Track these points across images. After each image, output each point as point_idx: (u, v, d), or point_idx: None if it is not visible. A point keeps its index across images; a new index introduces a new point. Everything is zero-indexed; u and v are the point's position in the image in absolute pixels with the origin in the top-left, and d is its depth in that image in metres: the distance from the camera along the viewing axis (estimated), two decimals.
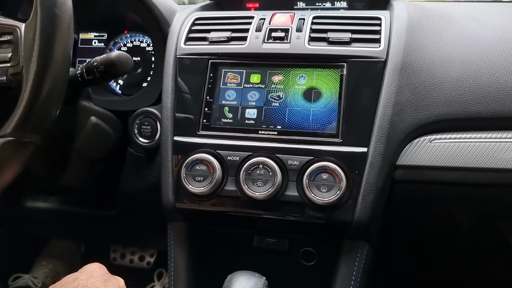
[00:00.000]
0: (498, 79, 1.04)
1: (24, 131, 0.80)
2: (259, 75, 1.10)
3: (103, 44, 1.39)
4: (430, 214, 1.17)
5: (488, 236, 1.23)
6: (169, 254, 1.16)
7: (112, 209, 1.43)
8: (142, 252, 1.99)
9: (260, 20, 1.17)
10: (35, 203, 1.50)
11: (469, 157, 1.02)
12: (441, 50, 1.10)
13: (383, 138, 1.01)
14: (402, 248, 1.34)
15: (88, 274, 0.71)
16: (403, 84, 1.04)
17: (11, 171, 0.83)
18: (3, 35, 0.86)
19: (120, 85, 1.37)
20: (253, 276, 0.89)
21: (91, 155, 1.17)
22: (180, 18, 1.24)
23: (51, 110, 0.84)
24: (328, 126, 1.03)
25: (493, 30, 1.14)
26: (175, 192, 1.09)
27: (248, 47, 1.12)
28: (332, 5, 1.46)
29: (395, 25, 1.11)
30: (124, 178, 1.29)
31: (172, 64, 1.15)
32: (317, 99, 1.05)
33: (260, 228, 1.15)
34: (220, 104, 1.10)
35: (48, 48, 0.81)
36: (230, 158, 1.05)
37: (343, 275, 1.07)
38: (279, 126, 1.05)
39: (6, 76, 0.83)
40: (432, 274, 1.45)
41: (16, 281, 1.87)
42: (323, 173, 0.99)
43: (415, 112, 1.04)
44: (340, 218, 1.01)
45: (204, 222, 1.17)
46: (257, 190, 1.00)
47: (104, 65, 0.95)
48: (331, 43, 1.09)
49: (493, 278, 1.43)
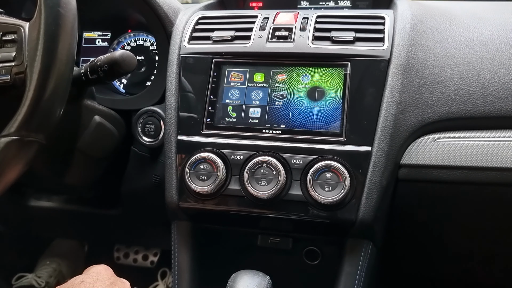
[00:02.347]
0: (502, 78, 1.04)
1: (28, 130, 0.80)
2: (263, 74, 1.10)
3: (107, 43, 1.40)
4: (434, 213, 1.17)
5: (492, 235, 1.23)
6: (173, 253, 1.16)
7: (115, 208, 1.43)
8: (146, 251, 1.99)
9: (263, 19, 1.17)
10: (39, 202, 1.50)
11: (473, 156, 1.02)
12: (445, 49, 1.09)
13: (387, 137, 1.01)
14: (406, 247, 1.34)
15: (95, 277, 0.70)
16: (406, 83, 1.04)
17: (15, 170, 0.83)
18: (7, 34, 0.86)
19: (123, 84, 1.38)
20: (257, 275, 0.89)
21: (95, 154, 1.17)
22: (183, 17, 1.24)
23: (55, 109, 0.84)
24: (332, 125, 1.03)
25: (497, 29, 1.14)
26: (179, 191, 1.09)
27: (251, 46, 1.12)
28: (336, 4, 1.46)
29: (398, 24, 1.11)
30: (128, 177, 1.29)
31: (176, 63, 1.16)
32: (321, 98, 1.05)
33: (263, 227, 1.15)
34: (223, 103, 1.10)
35: (52, 47, 0.81)
36: (234, 157, 1.05)
37: (347, 274, 1.07)
38: (283, 125, 1.05)
39: (10, 75, 0.83)
40: (436, 273, 1.44)
41: (20, 281, 1.87)
42: (327, 172, 0.99)
43: (419, 111, 1.04)
44: (344, 217, 1.01)
45: (208, 221, 1.17)
46: (261, 189, 1.00)
47: (108, 64, 0.96)
48: (334, 42, 1.09)
49: (496, 277, 1.43)
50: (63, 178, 1.16)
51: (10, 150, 0.79)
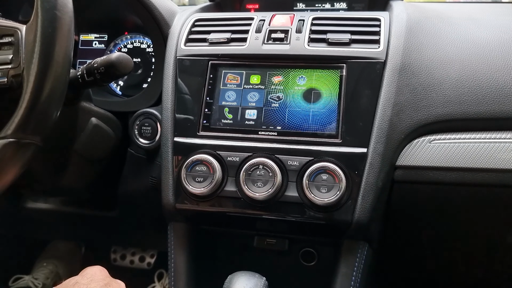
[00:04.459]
0: (497, 79, 1.04)
1: (25, 133, 0.80)
2: (259, 76, 1.10)
3: (104, 46, 1.40)
4: (430, 214, 1.17)
5: (488, 237, 1.24)
6: (170, 254, 1.17)
7: (112, 210, 1.43)
8: (143, 253, 2.00)
9: (260, 21, 1.18)
10: (36, 204, 1.50)
11: (469, 158, 1.02)
12: (440, 51, 1.10)
13: (383, 138, 1.01)
14: (401, 248, 1.34)
15: (89, 278, 0.70)
16: (402, 85, 1.04)
17: (12, 172, 0.83)
18: (4, 37, 0.86)
19: (120, 86, 1.38)
20: (253, 276, 0.90)
21: (92, 156, 1.17)
22: (180, 20, 1.25)
23: (51, 112, 0.84)
24: (327, 127, 1.03)
25: (492, 31, 1.15)
26: (175, 192, 1.09)
27: (248, 48, 1.13)
28: (332, 6, 1.46)
29: (394, 26, 1.11)
30: (125, 179, 1.30)
31: (172, 65, 1.16)
32: (317, 100, 1.06)
33: (260, 229, 1.15)
34: (220, 105, 1.10)
35: (48, 49, 0.81)
36: (230, 159, 1.05)
37: (343, 275, 1.07)
38: (279, 127, 1.06)
39: (7, 77, 0.83)
40: (432, 274, 1.45)
41: (17, 282, 1.88)
42: (323, 174, 0.99)
43: (414, 112, 1.04)
44: (340, 218, 1.01)
45: (204, 222, 1.17)
46: (257, 190, 1.01)
47: (105, 67, 0.96)
48: (330, 44, 1.09)
49: (493, 278, 1.43)
50: (59, 180, 1.16)
51: (7, 152, 0.79)
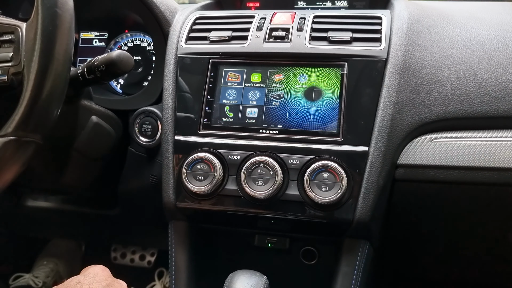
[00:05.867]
0: (498, 78, 1.04)
1: (25, 131, 0.80)
2: (260, 74, 1.10)
3: (104, 44, 1.40)
4: (431, 213, 1.17)
5: (489, 235, 1.23)
6: (170, 253, 1.16)
7: (112, 208, 1.43)
8: (143, 251, 2.00)
9: (260, 19, 1.17)
10: (36, 202, 1.50)
11: (470, 156, 1.02)
12: (442, 49, 1.10)
13: (384, 137, 1.01)
14: (402, 247, 1.34)
15: (91, 278, 0.70)
16: (403, 83, 1.04)
17: (12, 171, 0.83)
18: (4, 35, 0.86)
19: (121, 85, 1.37)
20: (254, 275, 0.90)
21: (92, 154, 1.17)
22: (180, 18, 1.24)
23: (52, 110, 0.84)
24: (329, 125, 1.03)
25: (493, 29, 1.14)
26: (176, 191, 1.09)
27: (248, 46, 1.12)
28: (333, 4, 1.46)
29: (395, 24, 1.11)
30: (125, 177, 1.29)
31: (173, 63, 1.16)
32: (318, 98, 1.05)
33: (261, 227, 1.15)
34: (221, 103, 1.10)
35: (49, 47, 0.81)
36: (231, 157, 1.05)
37: (344, 274, 1.07)
38: (280, 125, 1.05)
39: (8, 75, 0.83)
40: (433, 273, 1.45)
41: (17, 281, 1.87)
42: (324, 172, 0.99)
43: (415, 111, 1.04)
44: (341, 217, 1.01)
45: (205, 221, 1.17)
46: (258, 189, 1.00)
47: (105, 65, 0.95)
48: (331, 42, 1.09)
49: (494, 277, 1.43)
50: (60, 178, 1.16)
51: (7, 150, 0.79)
